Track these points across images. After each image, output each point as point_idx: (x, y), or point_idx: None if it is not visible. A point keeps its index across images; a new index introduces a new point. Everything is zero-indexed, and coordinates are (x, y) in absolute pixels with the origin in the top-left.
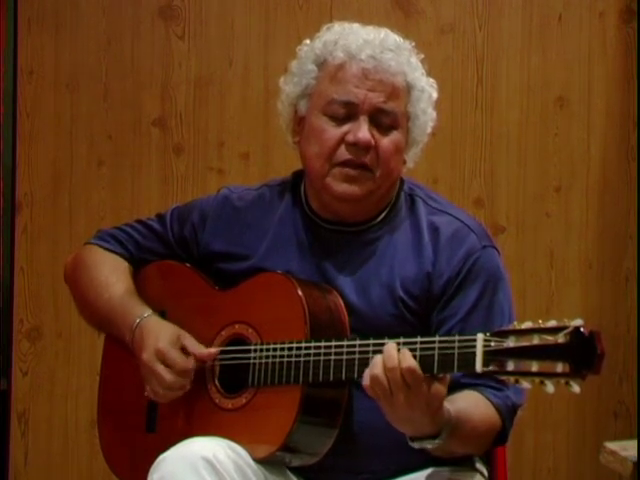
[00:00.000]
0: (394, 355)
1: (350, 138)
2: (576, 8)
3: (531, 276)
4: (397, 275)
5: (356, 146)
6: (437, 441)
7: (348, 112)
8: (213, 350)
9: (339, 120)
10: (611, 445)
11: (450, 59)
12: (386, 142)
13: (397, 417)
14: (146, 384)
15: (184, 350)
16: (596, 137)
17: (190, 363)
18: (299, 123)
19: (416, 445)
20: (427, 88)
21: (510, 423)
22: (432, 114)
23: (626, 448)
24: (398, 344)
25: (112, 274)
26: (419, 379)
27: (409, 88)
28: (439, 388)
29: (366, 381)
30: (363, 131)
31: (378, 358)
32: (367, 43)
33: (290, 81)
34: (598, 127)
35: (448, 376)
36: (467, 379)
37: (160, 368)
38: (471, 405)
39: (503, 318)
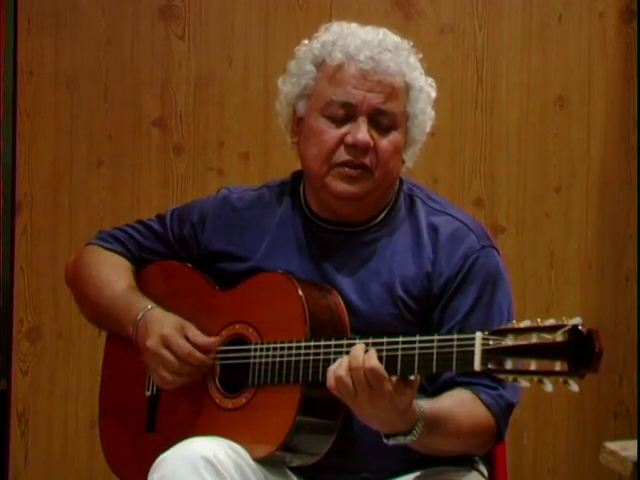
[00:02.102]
0: (359, 356)
1: (349, 139)
2: (576, 8)
3: (531, 276)
4: (397, 275)
5: (355, 147)
6: (409, 437)
7: (347, 113)
8: (213, 339)
9: (338, 121)
10: (611, 445)
11: (450, 59)
12: (385, 143)
13: (363, 415)
14: (152, 373)
15: (188, 340)
16: (596, 137)
17: (194, 349)
18: (298, 123)
19: (390, 442)
20: (426, 87)
21: (505, 421)
22: (431, 113)
23: (626, 448)
24: (397, 342)
25: (114, 272)
26: (381, 379)
27: (408, 88)
28: (405, 389)
29: (331, 381)
30: (362, 132)
31: (344, 359)
32: (365, 44)
33: (288, 81)
34: (598, 127)
35: (419, 377)
36: (461, 378)
37: (165, 352)
38: (455, 403)
39: (502, 317)
